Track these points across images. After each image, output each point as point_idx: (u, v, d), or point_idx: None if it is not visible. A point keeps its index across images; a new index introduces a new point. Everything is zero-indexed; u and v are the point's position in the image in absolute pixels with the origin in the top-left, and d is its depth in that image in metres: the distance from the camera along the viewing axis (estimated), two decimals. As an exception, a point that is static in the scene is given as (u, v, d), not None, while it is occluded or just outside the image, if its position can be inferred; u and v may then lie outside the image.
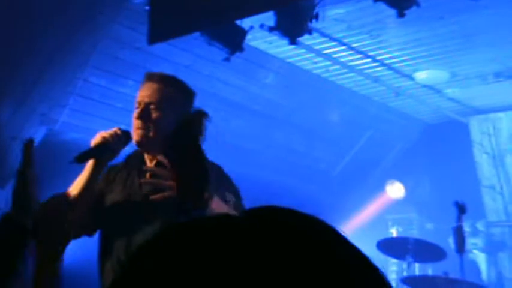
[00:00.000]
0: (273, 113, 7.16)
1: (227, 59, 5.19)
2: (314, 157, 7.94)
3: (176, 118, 2.80)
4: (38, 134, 5.58)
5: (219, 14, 4.53)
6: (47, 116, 5.56)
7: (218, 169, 2.78)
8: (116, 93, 5.86)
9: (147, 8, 4.94)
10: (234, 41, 5.11)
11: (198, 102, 6.71)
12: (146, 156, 2.84)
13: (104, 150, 2.70)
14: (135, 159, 2.86)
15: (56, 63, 5.20)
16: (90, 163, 2.71)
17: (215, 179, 2.68)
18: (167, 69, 5.75)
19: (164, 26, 4.80)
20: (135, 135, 2.74)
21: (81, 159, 2.66)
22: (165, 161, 2.57)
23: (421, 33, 5.79)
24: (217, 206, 2.50)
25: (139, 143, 2.76)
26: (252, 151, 7.27)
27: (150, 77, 2.83)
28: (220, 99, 6.63)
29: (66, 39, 5.12)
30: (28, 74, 5.11)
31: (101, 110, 5.87)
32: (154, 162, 2.79)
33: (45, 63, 5.14)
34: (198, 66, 6.15)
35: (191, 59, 6.07)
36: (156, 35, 4.83)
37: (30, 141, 1.95)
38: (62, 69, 5.33)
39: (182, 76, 2.98)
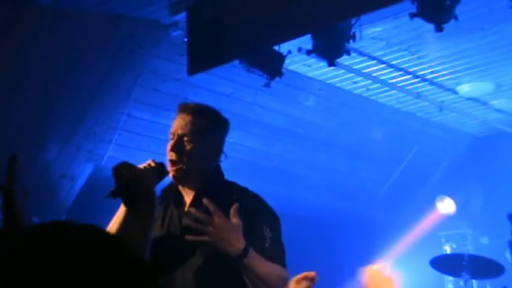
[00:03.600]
0: (315, 135, 7.13)
1: (267, 85, 5.20)
2: (360, 177, 7.87)
3: (210, 148, 2.78)
4: (85, 171, 5.65)
5: (256, 41, 4.54)
6: (93, 153, 5.64)
7: (255, 198, 2.75)
8: (159, 126, 5.91)
9: (185, 39, 4.99)
10: (272, 67, 5.12)
11: (241, 129, 6.76)
12: (182, 189, 2.82)
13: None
14: (171, 192, 2.84)
15: (99, 100, 5.28)
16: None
17: (252, 210, 2.66)
18: (208, 99, 5.80)
19: (203, 56, 4.84)
20: (170, 168, 2.72)
21: (116, 193, 2.62)
22: (211, 206, 2.55)
23: (461, 45, 5.71)
24: (253, 258, 2.50)
25: (174, 176, 2.75)
26: (297, 174, 7.25)
27: (183, 108, 2.81)
28: (263, 124, 6.64)
29: (108, 74, 5.20)
30: (73, 111, 5.20)
31: (145, 144, 5.93)
32: (191, 195, 2.78)
33: (88, 100, 5.23)
34: (239, 93, 6.18)
35: (232, 87, 6.10)
36: (195, 65, 4.87)
37: (13, 157, 1.94)
38: (105, 105, 5.41)
39: (224, 104, 2.98)
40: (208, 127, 2.76)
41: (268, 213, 2.73)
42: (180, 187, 2.81)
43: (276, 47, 5.08)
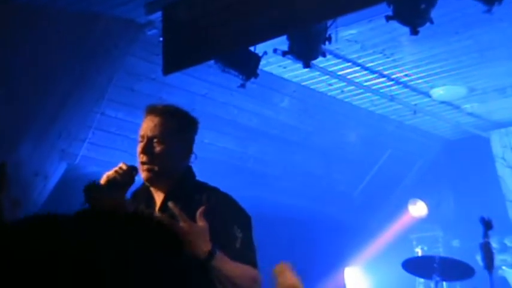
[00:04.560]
0: (290, 137, 7.15)
1: (242, 86, 5.19)
2: (333, 179, 7.90)
3: (180, 149, 2.78)
4: (58, 170, 5.60)
5: (232, 41, 4.54)
6: (66, 151, 5.59)
7: (225, 198, 2.74)
8: (133, 125, 5.85)
9: (161, 39, 4.97)
10: (248, 67, 5.11)
11: (216, 130, 6.71)
12: (153, 190, 2.82)
13: (112, 187, 2.69)
14: (142, 194, 2.85)
15: (73, 98, 5.24)
16: None
17: (222, 209, 2.65)
18: (183, 99, 5.78)
19: (178, 56, 4.82)
20: (141, 170, 2.73)
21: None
22: (176, 210, 2.54)
23: (435, 49, 5.77)
24: (221, 260, 2.49)
25: (146, 178, 2.75)
26: (270, 176, 7.25)
27: (152, 110, 2.82)
28: (237, 125, 6.64)
29: (82, 73, 5.16)
30: (47, 110, 5.15)
31: (119, 143, 5.89)
32: (162, 196, 2.77)
33: (62, 99, 5.18)
34: (214, 94, 6.17)
35: (206, 87, 6.09)
36: (171, 65, 4.85)
37: (1, 166, 1.89)
38: (80, 103, 5.36)
39: (198, 104, 2.98)
40: (177, 127, 2.77)
41: (238, 213, 2.72)
42: (151, 189, 2.81)
43: (251, 48, 5.08)
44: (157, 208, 2.75)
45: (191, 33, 4.67)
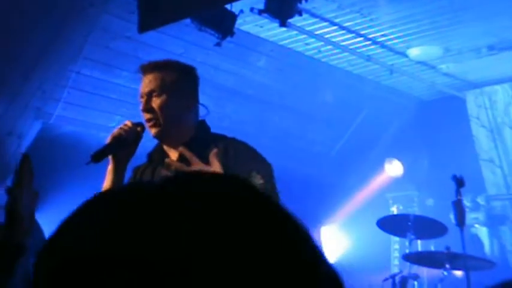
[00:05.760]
0: (266, 97, 7.13)
1: (218, 44, 5.16)
2: (310, 139, 7.93)
3: (180, 98, 2.77)
4: (33, 129, 5.56)
5: (208, -1, 4.49)
6: (41, 110, 5.54)
7: (243, 146, 2.72)
8: (109, 84, 5.83)
9: (136, -4, 4.90)
10: (224, 26, 5.07)
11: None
12: (166, 148, 2.80)
13: (119, 145, 2.65)
14: (157, 154, 2.82)
15: (48, 57, 5.17)
16: (110, 167, 2.68)
17: (240, 157, 2.64)
18: (159, 58, 5.70)
19: (154, 14, 4.76)
20: (149, 128, 2.72)
21: (97, 157, 2.56)
22: (187, 153, 2.52)
23: (412, 9, 5.76)
24: None
25: (155, 135, 2.73)
26: (247, 135, 7.19)
27: (145, 68, 2.81)
28: (214, 85, 6.61)
29: (57, 32, 5.08)
30: (20, 68, 5.08)
31: (95, 102, 5.85)
32: (176, 154, 2.73)
33: (37, 57, 5.11)
34: (190, 53, 6.12)
35: (183, 46, 6.04)
36: (146, 23, 4.80)
37: (25, 157, 1.87)
38: (55, 62, 5.30)
39: (174, 64, 2.95)
40: (172, 78, 2.76)
41: (258, 160, 2.69)
42: (165, 148, 2.79)
43: (228, 6, 5.03)
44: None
45: (167, -10, 4.61)
